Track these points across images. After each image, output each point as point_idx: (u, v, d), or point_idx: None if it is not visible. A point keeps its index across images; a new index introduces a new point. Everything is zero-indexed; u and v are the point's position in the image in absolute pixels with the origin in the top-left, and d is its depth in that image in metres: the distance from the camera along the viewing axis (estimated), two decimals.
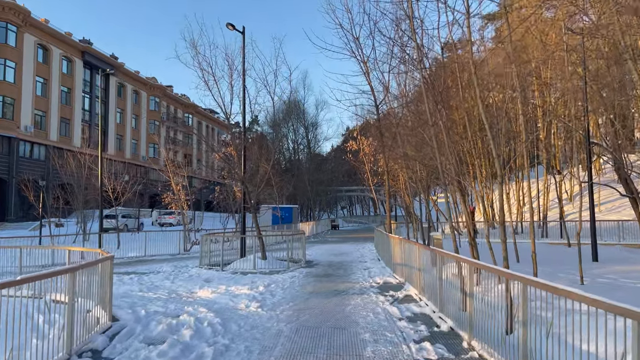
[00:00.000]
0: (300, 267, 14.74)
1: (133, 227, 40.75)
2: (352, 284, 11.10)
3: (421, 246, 9.25)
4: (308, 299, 9.33)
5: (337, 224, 52.11)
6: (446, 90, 9.95)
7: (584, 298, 3.36)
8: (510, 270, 4.59)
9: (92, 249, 9.03)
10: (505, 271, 4.65)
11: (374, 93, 14.07)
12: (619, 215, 25.61)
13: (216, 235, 16.38)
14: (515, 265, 13.88)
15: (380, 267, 14.11)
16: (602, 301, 3.16)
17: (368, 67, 13.73)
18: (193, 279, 12.17)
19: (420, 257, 9.11)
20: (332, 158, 79.60)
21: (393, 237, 12.54)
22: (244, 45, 15.65)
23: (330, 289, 10.42)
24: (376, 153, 25.29)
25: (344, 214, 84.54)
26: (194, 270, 14.08)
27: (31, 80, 47.41)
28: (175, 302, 8.90)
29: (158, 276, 12.71)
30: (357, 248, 22.93)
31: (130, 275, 12.81)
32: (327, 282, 11.46)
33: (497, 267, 4.86)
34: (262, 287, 10.36)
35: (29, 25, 46.65)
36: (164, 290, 10.44)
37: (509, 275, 4.59)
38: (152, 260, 17.82)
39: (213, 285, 10.83)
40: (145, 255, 19.54)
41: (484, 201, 12.46)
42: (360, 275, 12.72)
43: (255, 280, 11.56)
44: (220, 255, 15.72)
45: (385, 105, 14.53)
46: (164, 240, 21.91)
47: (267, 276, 12.42)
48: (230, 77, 14.80)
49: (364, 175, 26.33)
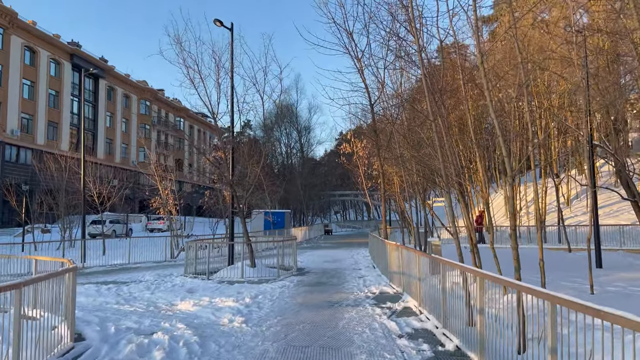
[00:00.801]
0: (291, 275, 13.97)
1: (121, 232, 39.74)
2: (346, 294, 10.35)
3: (420, 254, 8.54)
4: (298, 311, 8.56)
5: (330, 229, 51.35)
6: (446, 85, 9.28)
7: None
8: (536, 287, 3.88)
9: (59, 259, 8.22)
10: (531, 287, 3.93)
11: (368, 91, 13.42)
12: (617, 220, 25.09)
13: (203, 241, 15.57)
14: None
15: (376, 275, 13.37)
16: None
17: (362, 65, 13.06)
18: (175, 289, 11.36)
19: (420, 265, 8.39)
20: (325, 162, 78.95)
21: (389, 243, 11.81)
22: (232, 42, 14.94)
23: (323, 300, 9.67)
24: (370, 156, 24.62)
25: (338, 219, 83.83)
26: (178, 279, 13.26)
27: (18, 83, 46.37)
28: (152, 317, 8.10)
29: (139, 286, 11.88)
30: (351, 254, 22.18)
31: (109, 285, 11.97)
32: (320, 293, 10.70)
33: (518, 282, 4.16)
34: (248, 299, 9.58)
35: (15, 27, 45.67)
36: (142, 302, 9.62)
37: (535, 292, 3.88)
38: (137, 268, 16.96)
39: (196, 297, 10.04)
40: (129, 262, 18.66)
41: (488, 205, 11.78)
42: (355, 284, 11.98)
43: (242, 290, 10.77)
44: (207, 263, 14.94)
45: (381, 104, 13.85)
46: (150, 246, 21.04)
47: (256, 286, 11.63)
48: (217, 75, 14.06)
49: (358, 179, 25.62)
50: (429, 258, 7.92)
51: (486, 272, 5.13)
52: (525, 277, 12.43)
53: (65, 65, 53.28)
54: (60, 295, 6.24)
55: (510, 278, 5.56)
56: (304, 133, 70.37)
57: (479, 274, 5.30)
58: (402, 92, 13.37)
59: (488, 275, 5.03)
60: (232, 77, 14.80)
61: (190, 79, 13.61)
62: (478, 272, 5.34)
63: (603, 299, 9.17)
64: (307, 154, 72.31)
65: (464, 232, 29.74)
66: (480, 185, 26.25)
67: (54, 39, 50.99)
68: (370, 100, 13.39)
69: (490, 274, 5.05)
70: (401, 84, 13.06)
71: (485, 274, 5.11)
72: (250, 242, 14.84)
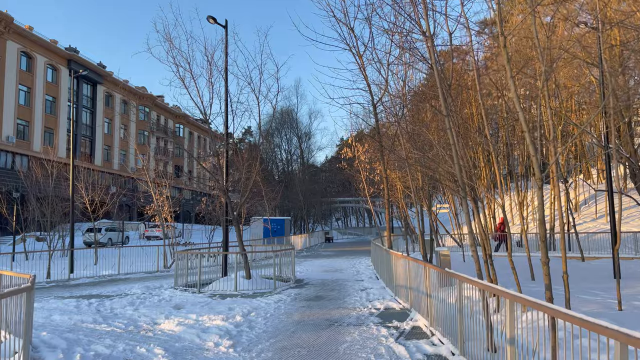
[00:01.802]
0: (289, 288, 13.04)
1: (117, 241, 38.81)
2: (347, 311, 9.42)
3: (430, 266, 7.62)
4: (294, 332, 7.63)
5: (331, 236, 50.34)
6: (455, 82, 8.41)
7: None
8: (596, 320, 2.96)
9: (22, 275, 7.31)
10: (590, 321, 3.00)
11: (370, 90, 12.56)
12: (628, 227, 24.15)
13: (192, 252, 14.66)
14: (529, 284, 12.25)
15: (380, 288, 12.42)
16: None
17: (364, 62, 12.20)
18: (162, 304, 10.43)
19: (430, 280, 7.47)
20: (326, 169, 78.10)
21: (395, 254, 10.88)
22: (227, 41, 14.12)
23: (322, 318, 8.73)
24: (372, 161, 23.74)
25: (339, 226, 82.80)
26: (167, 292, 12.33)
27: (14, 89, 45.69)
28: (129, 339, 7.18)
29: (123, 300, 10.95)
30: (353, 263, 21.23)
31: (92, 300, 11.04)
32: (319, 308, 9.76)
33: (572, 314, 3.24)
34: (239, 317, 8.64)
35: (11, 32, 45.05)
36: (122, 320, 8.69)
37: (597, 328, 2.96)
38: (126, 280, 16.03)
39: (182, 314, 9.11)
40: (119, 273, 17.72)
41: (504, 210, 10.84)
42: (357, 298, 11.04)
43: (233, 306, 9.84)
44: (202, 274, 14.03)
45: (384, 103, 12.94)
46: (142, 255, 20.13)
47: (249, 300, 10.69)
48: (210, 74, 13.21)
49: (359, 185, 24.71)
50: (441, 272, 7.01)
51: (521, 295, 4.22)
52: (539, 290, 11.43)
53: (63, 71, 52.64)
54: (17, 316, 5.34)
55: (547, 301, 4.65)
56: (305, 139, 69.62)
57: (508, 295, 4.39)
58: (408, 89, 12.52)
59: (524, 300, 4.11)
60: (226, 77, 13.97)
61: (180, 78, 12.78)
62: (507, 293, 4.42)
63: (637, 317, 8.25)
64: (307, 160, 71.49)
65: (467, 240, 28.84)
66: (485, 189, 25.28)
67: (51, 44, 50.38)
68: (373, 99, 12.53)
69: (527, 297, 4.13)
70: (405, 82, 12.19)
71: (520, 297, 4.20)
72: (245, 252, 13.92)
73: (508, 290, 4.50)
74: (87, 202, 24.25)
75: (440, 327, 7.00)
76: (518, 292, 8.84)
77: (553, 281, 11.28)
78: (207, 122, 13.33)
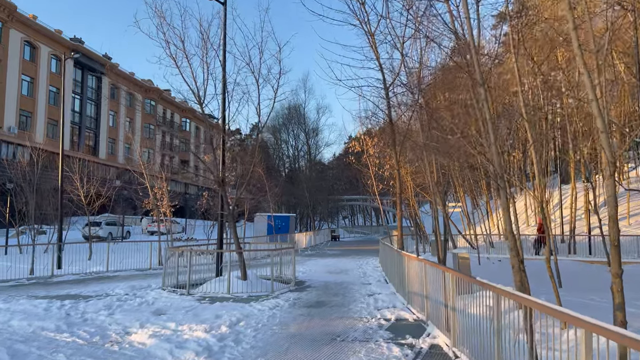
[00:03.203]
0: (288, 291, 11.75)
1: (117, 235, 37.80)
2: (352, 321, 8.11)
3: (454, 272, 6.29)
4: (288, 349, 6.33)
5: (337, 234, 48.93)
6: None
7: None
8: None
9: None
10: None
11: (382, 71, 11.18)
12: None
13: (182, 248, 13.45)
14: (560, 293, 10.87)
15: (390, 294, 11.08)
16: None
17: (376, 42, 10.86)
18: (142, 308, 9.18)
19: (452, 289, 6.14)
20: (334, 166, 76.73)
21: (409, 256, 9.52)
22: (225, 18, 12.83)
23: (323, 331, 7.43)
24: (381, 156, 22.38)
25: (346, 224, 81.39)
26: (153, 293, 11.09)
27: (16, 79, 44.82)
28: (87, 355, 5.93)
29: (100, 303, 9.72)
30: (360, 264, 19.89)
31: (65, 302, 9.81)
32: (319, 318, 8.46)
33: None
34: (225, 327, 7.35)
35: (15, 20, 44.17)
36: (90, 328, 7.45)
37: None
38: (113, 278, 14.85)
39: (161, 321, 7.85)
40: (107, 270, 16.54)
41: (544, 208, 9.39)
42: (364, 305, 9.71)
43: (221, 312, 8.55)
44: (195, 273, 12.82)
45: (397, 86, 11.52)
46: (137, 251, 18.95)
47: (241, 306, 9.41)
48: (205, 53, 11.93)
49: (368, 181, 23.36)
50: (469, 281, 5.68)
51: (603, 325, 2.87)
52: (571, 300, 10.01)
53: (67, 61, 51.71)
54: None
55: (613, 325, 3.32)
56: (312, 135, 68.26)
57: (584, 324, 3.04)
58: (425, 70, 11.14)
59: (608, 332, 2.77)
60: (224, 58, 12.69)
61: (172, 57, 11.51)
62: (581, 320, 3.07)
63: None
64: (314, 156, 70.18)
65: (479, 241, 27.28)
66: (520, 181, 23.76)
67: (56, 34, 49.48)
68: (385, 82, 11.18)
69: (612, 328, 2.80)
70: (422, 61, 10.81)
71: (602, 327, 2.85)
72: (241, 250, 12.65)
73: (581, 316, 3.15)
74: (82, 194, 23.12)
75: (467, 349, 5.68)
76: (557, 304, 7.47)
77: (571, 286, 9.77)
78: (200, 105, 12.05)
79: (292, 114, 65.93)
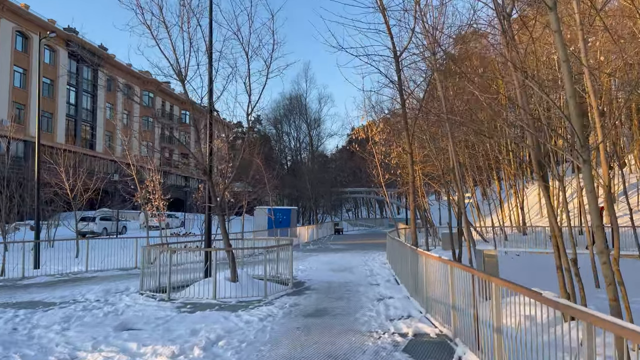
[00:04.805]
0: (284, 295, 10.20)
1: (112, 230, 36.36)
2: (360, 337, 6.54)
3: (501, 282, 4.71)
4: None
5: (341, 227, 47.40)
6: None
7: None
8: None
9: None
10: None
11: (391, 35, 9.50)
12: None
13: (158, 246, 11.93)
14: (595, 293, 9.30)
15: (402, 298, 9.49)
16: None
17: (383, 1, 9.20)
18: (106, 321, 7.63)
19: (497, 303, 4.57)
20: (336, 158, 75.04)
21: (427, 255, 7.89)
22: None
23: (322, 352, 5.87)
24: (388, 144, 20.73)
25: (349, 217, 79.82)
26: (127, 299, 9.57)
27: (8, 70, 43.33)
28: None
29: (59, 313, 8.18)
30: (365, 260, 18.31)
31: (19, 312, 8.28)
32: (319, 332, 6.89)
33: None
34: (198, 350, 5.78)
35: (5, 9, 42.58)
36: (29, 350, 5.92)
37: None
38: (92, 279, 13.34)
39: (121, 340, 6.30)
40: (87, 270, 15.05)
41: (610, 191, 7.75)
42: (373, 313, 8.13)
43: (199, 327, 6.99)
44: (182, 273, 11.34)
45: (413, 49, 9.76)
46: (119, 249, 17.40)
47: (226, 316, 7.85)
48: (188, 23, 10.31)
49: (373, 170, 21.74)
50: (532, 297, 4.09)
51: None
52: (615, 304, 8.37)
53: (61, 52, 50.15)
54: None
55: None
56: (314, 126, 66.47)
57: None
58: (440, 34, 9.46)
59: None
60: (210, 26, 11.07)
61: (146, 25, 9.89)
62: None
63: None
64: (317, 148, 68.46)
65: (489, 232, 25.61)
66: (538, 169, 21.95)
67: (49, 24, 47.84)
68: (395, 49, 9.50)
69: None
70: (441, 12, 9.09)
71: None
72: (230, 247, 11.09)
73: None
74: (67, 187, 21.64)
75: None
76: (629, 320, 5.90)
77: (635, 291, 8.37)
78: (182, 81, 10.43)
79: (293, 104, 64.19)
